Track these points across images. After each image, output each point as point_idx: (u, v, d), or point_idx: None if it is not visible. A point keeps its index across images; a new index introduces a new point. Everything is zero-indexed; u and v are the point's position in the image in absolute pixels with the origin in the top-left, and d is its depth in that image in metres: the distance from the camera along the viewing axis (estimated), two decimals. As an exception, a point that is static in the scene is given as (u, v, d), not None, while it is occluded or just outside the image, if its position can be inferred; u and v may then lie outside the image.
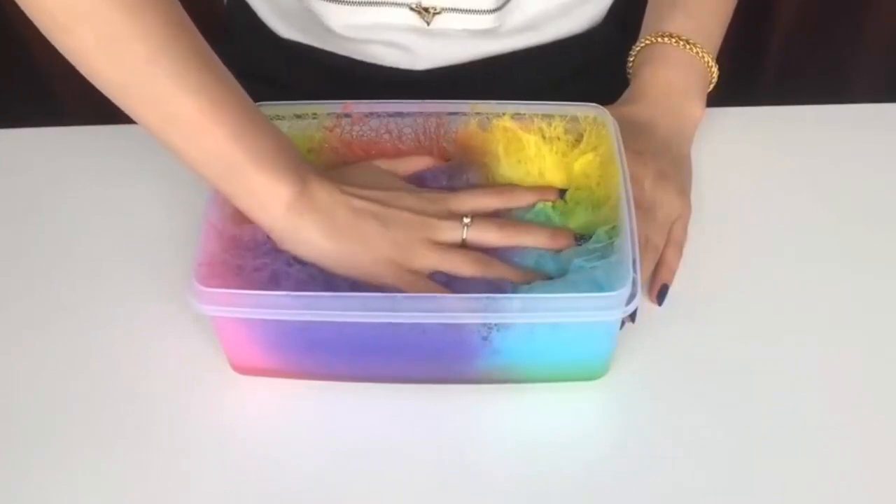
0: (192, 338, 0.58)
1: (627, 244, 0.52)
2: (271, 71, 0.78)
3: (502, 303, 0.50)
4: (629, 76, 0.71)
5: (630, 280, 0.50)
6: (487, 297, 0.50)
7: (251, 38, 0.80)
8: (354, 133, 0.62)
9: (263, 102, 0.61)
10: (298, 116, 0.62)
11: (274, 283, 0.52)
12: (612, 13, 0.79)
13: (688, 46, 0.68)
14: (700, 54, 0.68)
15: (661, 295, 0.60)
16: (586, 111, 0.60)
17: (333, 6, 0.69)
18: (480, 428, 0.54)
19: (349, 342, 0.54)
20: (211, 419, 0.55)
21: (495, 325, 0.52)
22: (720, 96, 0.71)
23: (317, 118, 0.62)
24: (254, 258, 0.54)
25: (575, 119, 0.60)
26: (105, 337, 0.60)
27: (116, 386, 0.57)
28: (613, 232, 0.54)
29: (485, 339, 0.52)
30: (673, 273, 0.61)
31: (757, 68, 1.24)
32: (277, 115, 0.61)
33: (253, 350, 0.56)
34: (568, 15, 0.75)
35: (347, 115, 0.61)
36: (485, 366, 0.55)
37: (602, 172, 0.58)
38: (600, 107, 0.61)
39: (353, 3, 0.69)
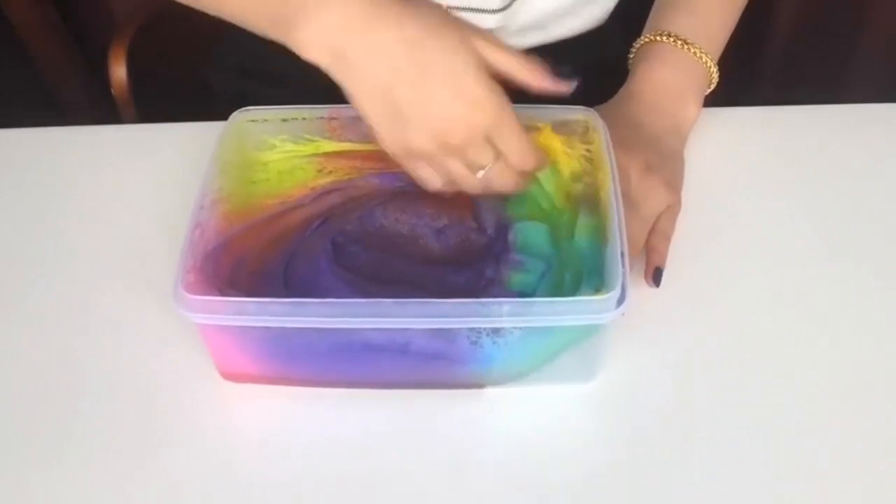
0: (187, 343, 0.58)
1: (617, 247, 0.51)
2: (269, 69, 0.78)
3: (491, 307, 0.50)
4: (629, 71, 0.71)
5: (620, 283, 0.49)
6: (477, 302, 0.50)
7: (249, 36, 0.80)
8: (344, 137, 0.62)
9: (249, 108, 0.62)
10: (285, 120, 0.62)
11: (263, 290, 0.52)
12: (616, 12, 0.79)
13: (686, 47, 0.68)
14: (698, 55, 0.68)
15: (656, 277, 0.59)
16: (576, 114, 0.60)
17: None
18: (472, 433, 0.54)
19: (336, 348, 0.54)
20: (198, 426, 0.55)
21: (485, 329, 0.51)
22: (720, 96, 0.71)
23: (305, 121, 0.62)
24: (243, 265, 0.54)
25: (564, 123, 0.60)
26: (104, 338, 0.60)
27: (106, 390, 0.57)
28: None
29: (474, 343, 0.52)
30: (663, 258, 0.61)
31: (757, 68, 1.24)
32: (264, 119, 0.62)
33: (239, 357, 0.55)
34: (573, 14, 0.75)
35: (335, 119, 0.61)
36: (475, 370, 0.54)
37: (593, 175, 0.58)
38: (590, 109, 0.60)
39: None
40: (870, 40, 1.21)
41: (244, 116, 0.62)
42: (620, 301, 0.49)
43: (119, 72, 0.86)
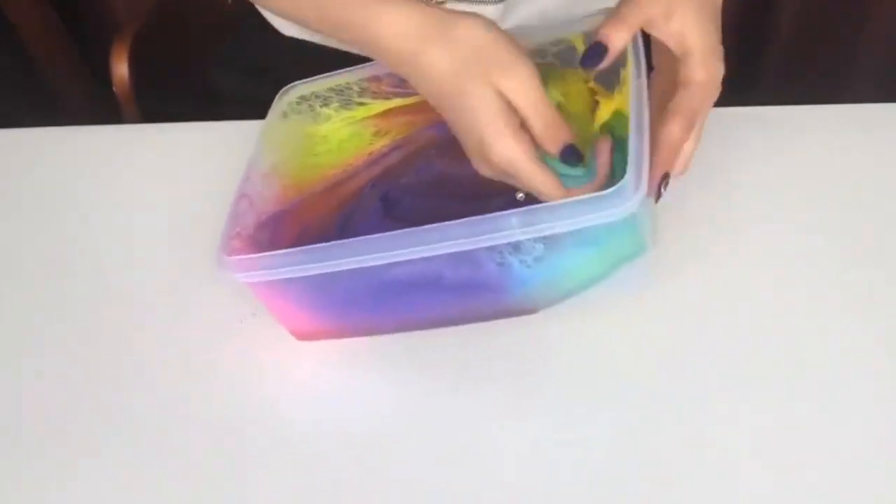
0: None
1: (634, 140, 0.48)
2: (276, 69, 0.78)
3: (499, 221, 0.47)
4: None
5: (633, 172, 0.46)
6: (483, 219, 0.48)
7: (257, 38, 0.80)
8: (392, 94, 0.62)
9: (296, 83, 0.63)
10: (332, 89, 0.62)
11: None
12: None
13: None
14: None
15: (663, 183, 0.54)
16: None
17: None
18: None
19: (373, 291, 0.54)
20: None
21: (505, 248, 0.50)
22: (720, 96, 0.71)
23: (352, 86, 0.62)
24: (306, 235, 0.54)
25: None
26: (107, 335, 0.60)
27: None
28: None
29: (501, 265, 0.51)
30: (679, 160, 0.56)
31: (757, 68, 1.24)
32: (312, 91, 0.63)
33: (295, 314, 0.56)
34: (577, 6, 0.75)
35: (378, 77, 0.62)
36: (517, 295, 0.53)
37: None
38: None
39: None
40: (870, 40, 1.21)
41: (295, 92, 0.63)
42: (636, 189, 0.45)
43: (121, 69, 0.86)
